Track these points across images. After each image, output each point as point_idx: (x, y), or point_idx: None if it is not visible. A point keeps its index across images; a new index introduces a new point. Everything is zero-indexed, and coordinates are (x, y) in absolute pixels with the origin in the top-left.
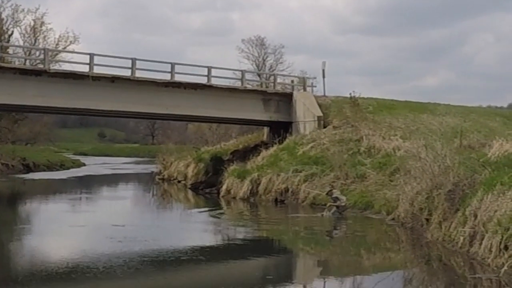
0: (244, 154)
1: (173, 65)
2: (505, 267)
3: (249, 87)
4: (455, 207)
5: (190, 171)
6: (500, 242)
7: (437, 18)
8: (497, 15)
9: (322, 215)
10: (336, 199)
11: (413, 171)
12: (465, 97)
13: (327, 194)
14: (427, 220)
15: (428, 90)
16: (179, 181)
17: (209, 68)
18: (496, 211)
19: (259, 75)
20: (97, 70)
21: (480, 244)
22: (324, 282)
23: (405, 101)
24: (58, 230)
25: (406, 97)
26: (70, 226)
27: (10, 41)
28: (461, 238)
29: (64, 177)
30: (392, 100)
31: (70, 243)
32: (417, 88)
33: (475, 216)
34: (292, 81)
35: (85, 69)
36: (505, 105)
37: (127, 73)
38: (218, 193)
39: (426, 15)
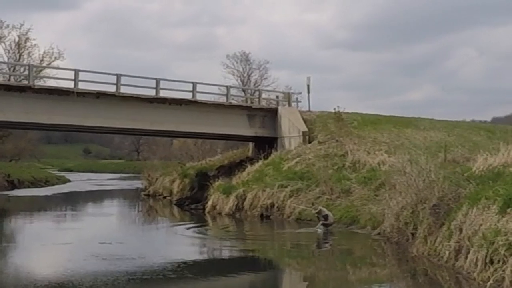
0: (230, 169)
1: (158, 80)
2: (491, 281)
3: (234, 102)
4: (440, 222)
5: (176, 187)
6: (486, 256)
7: (421, 33)
8: (480, 29)
9: (317, 230)
10: (326, 216)
11: (398, 185)
12: (448, 112)
13: (317, 213)
14: (413, 234)
15: (412, 105)
16: (164, 197)
17: (194, 84)
18: (481, 225)
19: (244, 91)
20: (82, 86)
21: (466, 258)
22: None
23: (389, 116)
24: (43, 248)
25: (391, 112)
26: (55, 244)
27: None
28: (447, 252)
29: (49, 193)
30: (376, 115)
31: (55, 261)
32: (401, 102)
33: (460, 231)
34: (277, 97)
35: (70, 85)
36: (489, 119)
37: (112, 89)
38: (204, 209)
39: (410, 30)
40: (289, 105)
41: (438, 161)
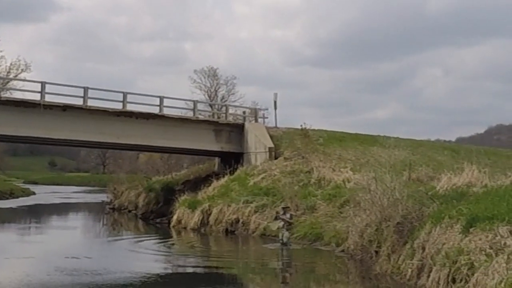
0: (195, 184)
1: (125, 94)
2: None
3: (201, 117)
4: (403, 240)
5: (141, 201)
6: (448, 275)
7: (387, 51)
8: (446, 49)
9: (282, 239)
10: (291, 216)
11: (362, 203)
12: (414, 130)
13: (283, 208)
14: (376, 252)
15: (378, 123)
16: (129, 211)
17: (161, 98)
18: (444, 244)
19: (211, 106)
20: (48, 98)
21: (428, 276)
22: None
23: (355, 133)
24: (5, 262)
25: (356, 129)
26: (18, 257)
27: None
28: (409, 270)
29: (13, 206)
30: (342, 132)
31: (18, 276)
32: (367, 120)
33: (423, 249)
34: (244, 112)
35: (36, 97)
36: (453, 139)
37: (79, 102)
38: (169, 223)
39: (377, 48)
40: (256, 121)
41: (403, 179)
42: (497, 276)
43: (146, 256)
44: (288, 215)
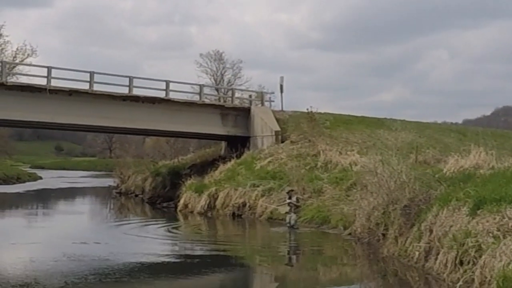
0: (202, 168)
1: (131, 78)
2: (460, 282)
3: (207, 101)
4: (410, 222)
5: (148, 185)
6: (456, 257)
7: (393, 34)
8: (451, 32)
9: (289, 222)
10: (297, 199)
11: (369, 186)
12: (420, 113)
13: (288, 193)
14: (384, 235)
15: (384, 106)
16: (136, 195)
17: (167, 82)
18: (451, 226)
19: (217, 90)
20: (54, 83)
21: (436, 259)
22: None
23: (361, 116)
24: (12, 247)
25: (362, 113)
26: (25, 243)
27: None
28: (417, 253)
29: (20, 190)
30: (348, 115)
31: (25, 261)
32: (373, 103)
33: (431, 231)
34: (250, 96)
35: (42, 82)
36: (460, 121)
37: (84, 86)
38: (176, 207)
39: (381, 31)
40: (262, 104)
41: (410, 162)
42: (505, 258)
43: (153, 240)
44: (294, 198)
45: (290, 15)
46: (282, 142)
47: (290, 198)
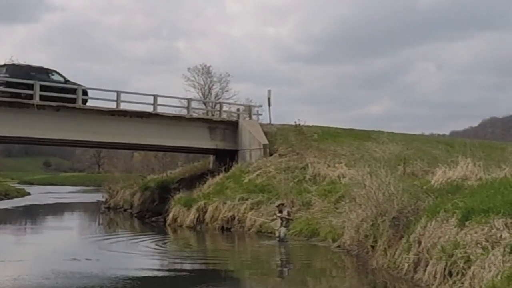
0: (191, 182)
1: (118, 93)
2: None
3: (195, 115)
4: (399, 234)
5: (136, 200)
6: (444, 269)
7: (380, 46)
8: (438, 44)
9: (278, 235)
10: (289, 212)
11: (358, 198)
12: (407, 125)
13: (277, 206)
14: (373, 247)
15: (372, 118)
16: (125, 210)
17: (155, 96)
18: (440, 237)
19: (205, 103)
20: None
21: (425, 270)
22: None
23: (349, 129)
24: (2, 264)
25: (350, 125)
26: (13, 260)
27: None
28: (406, 264)
29: (8, 207)
30: (336, 128)
31: (13, 278)
32: (361, 116)
33: (419, 243)
34: (238, 109)
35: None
36: (448, 133)
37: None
38: (165, 221)
39: (369, 44)
40: (250, 117)
41: (398, 174)
42: (494, 268)
43: (142, 255)
44: (285, 212)
45: (278, 28)
46: (271, 155)
47: (280, 212)
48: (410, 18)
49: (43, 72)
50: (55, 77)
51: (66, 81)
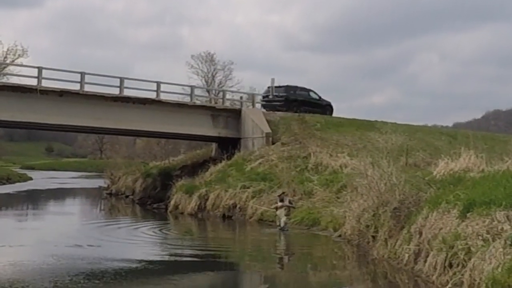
0: (193, 169)
1: (122, 79)
2: (450, 285)
3: (198, 102)
4: (400, 225)
5: (138, 186)
6: (445, 260)
7: (384, 37)
8: (442, 35)
9: (279, 225)
10: (291, 202)
11: (359, 188)
12: (410, 116)
13: (279, 196)
14: (373, 237)
15: (375, 108)
16: (127, 196)
17: (158, 83)
18: (441, 229)
19: (208, 91)
20: (45, 83)
21: (425, 261)
22: None
23: (352, 118)
24: (3, 249)
25: (353, 115)
26: (14, 245)
27: None
28: (406, 255)
29: (10, 191)
30: (339, 117)
31: (15, 262)
32: (364, 106)
33: (420, 234)
34: (241, 97)
35: (33, 82)
36: (450, 124)
37: (75, 87)
38: (166, 208)
39: (373, 34)
40: (253, 106)
41: (400, 165)
42: (494, 261)
43: (143, 242)
44: (287, 201)
45: (282, 16)
46: (273, 144)
47: (282, 201)
48: (414, 9)
49: (305, 91)
50: (312, 94)
51: (320, 98)
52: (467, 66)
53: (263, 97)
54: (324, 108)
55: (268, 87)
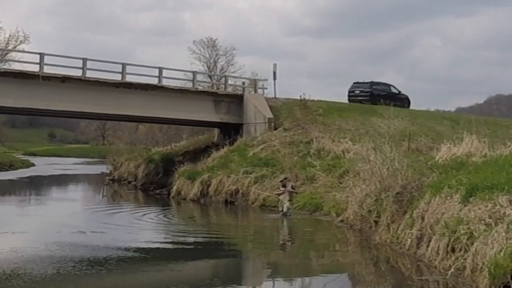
0: (195, 155)
1: (124, 65)
2: (452, 269)
3: (200, 88)
4: (403, 210)
5: (141, 172)
6: (447, 245)
7: (386, 21)
8: (444, 19)
9: (282, 206)
10: (293, 187)
11: (362, 173)
12: (412, 100)
13: (281, 182)
14: (376, 222)
15: None
16: (129, 182)
17: (160, 69)
18: (443, 213)
19: (210, 77)
20: (47, 69)
21: (427, 246)
22: (273, 283)
23: (354, 104)
24: (5, 236)
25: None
26: (16, 232)
27: None
28: (409, 240)
29: (13, 177)
30: (341, 102)
31: (16, 251)
32: None
33: (423, 219)
34: (243, 83)
35: (35, 68)
36: (453, 109)
37: (77, 73)
38: (169, 194)
39: (375, 18)
40: (255, 91)
41: (402, 149)
42: (497, 245)
43: (146, 228)
44: (289, 186)
45: (284, 1)
46: (275, 129)
47: (284, 186)
48: None
49: (387, 86)
50: (392, 89)
51: (399, 92)
52: (469, 50)
53: (349, 92)
54: (403, 101)
55: (354, 83)
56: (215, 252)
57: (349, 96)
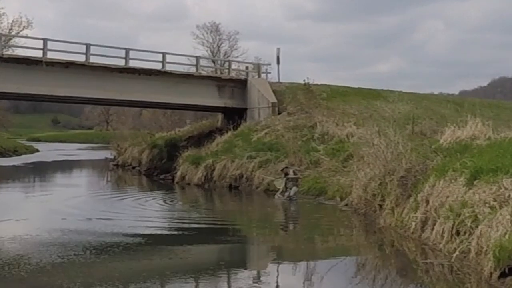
0: (199, 140)
1: (127, 50)
2: (457, 252)
3: (203, 73)
4: (407, 193)
5: (145, 157)
6: (452, 228)
7: (389, 4)
8: (447, 2)
9: (282, 192)
10: (295, 172)
11: (366, 157)
12: (416, 84)
13: (283, 170)
14: (380, 206)
15: (380, 77)
16: (133, 167)
17: (164, 54)
18: (447, 197)
19: (213, 61)
20: (50, 55)
21: (432, 229)
22: (278, 267)
23: (358, 88)
24: (5, 224)
25: (359, 84)
26: (20, 219)
27: None
28: (413, 223)
29: (17, 163)
30: (345, 86)
31: (20, 238)
32: (369, 74)
33: (427, 202)
34: (247, 68)
35: (38, 54)
36: (457, 92)
37: (81, 58)
38: (173, 179)
39: (378, 1)
40: (259, 76)
41: (406, 133)
42: (501, 228)
43: (151, 214)
44: (291, 172)
45: None
46: (279, 113)
47: (286, 174)
48: None
49: None
50: None
51: None
52: (473, 33)
53: None
54: None
55: None
56: (220, 237)
57: None
